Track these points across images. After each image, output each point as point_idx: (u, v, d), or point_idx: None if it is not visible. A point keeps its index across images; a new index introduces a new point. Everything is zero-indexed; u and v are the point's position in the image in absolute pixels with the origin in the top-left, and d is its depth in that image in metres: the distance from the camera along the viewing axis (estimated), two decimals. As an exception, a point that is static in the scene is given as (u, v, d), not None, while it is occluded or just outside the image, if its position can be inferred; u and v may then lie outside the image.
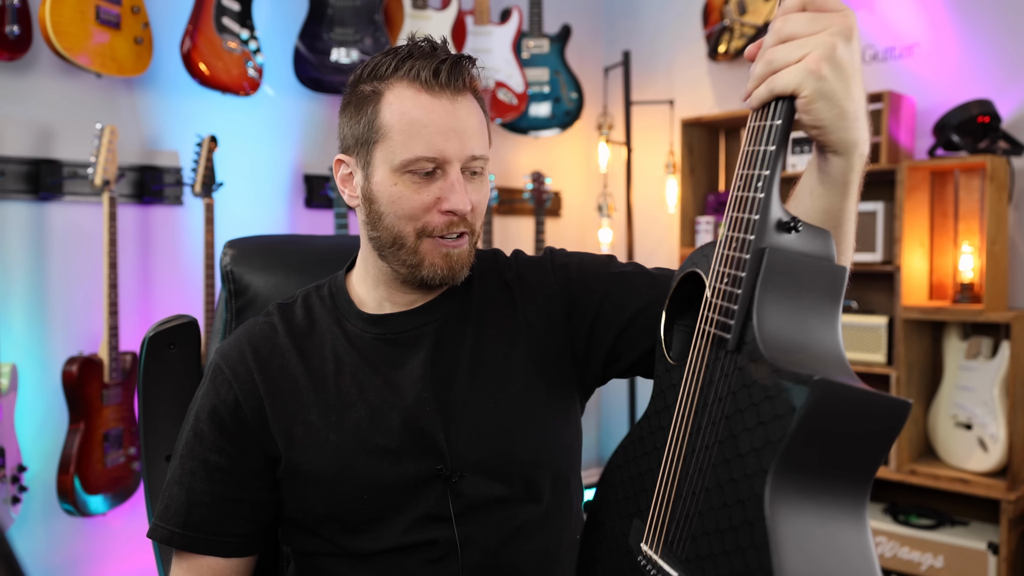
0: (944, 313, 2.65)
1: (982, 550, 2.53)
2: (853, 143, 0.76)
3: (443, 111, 0.96)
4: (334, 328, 1.06)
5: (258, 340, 1.06)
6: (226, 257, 1.26)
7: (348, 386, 1.02)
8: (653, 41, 3.74)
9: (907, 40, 3.00)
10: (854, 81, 0.73)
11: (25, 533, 2.34)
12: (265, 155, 2.93)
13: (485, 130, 1.02)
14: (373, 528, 1.00)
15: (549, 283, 1.09)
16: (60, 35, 2.23)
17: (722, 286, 0.77)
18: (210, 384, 1.05)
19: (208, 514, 1.02)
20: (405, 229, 0.98)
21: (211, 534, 1.02)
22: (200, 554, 1.02)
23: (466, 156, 0.98)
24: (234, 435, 1.02)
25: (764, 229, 0.75)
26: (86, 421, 2.31)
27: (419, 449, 1.00)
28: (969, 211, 2.78)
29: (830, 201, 0.81)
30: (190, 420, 1.05)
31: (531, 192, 3.33)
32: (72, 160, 2.45)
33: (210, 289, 2.53)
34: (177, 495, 1.02)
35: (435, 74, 0.96)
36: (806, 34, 0.72)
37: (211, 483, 1.02)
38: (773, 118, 0.75)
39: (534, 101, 3.41)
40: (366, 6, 2.90)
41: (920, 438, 2.81)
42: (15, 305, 2.36)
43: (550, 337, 1.07)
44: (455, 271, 1.00)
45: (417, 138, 0.96)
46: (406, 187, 0.97)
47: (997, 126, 2.63)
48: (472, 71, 1.00)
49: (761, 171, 0.75)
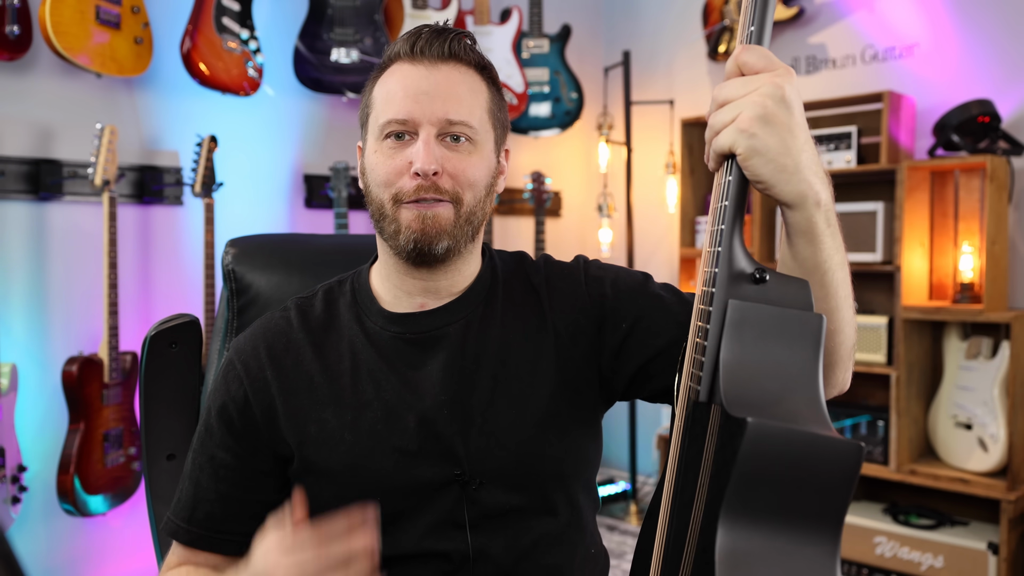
0: (944, 313, 2.66)
1: (982, 550, 2.53)
2: (800, 195, 0.77)
3: (417, 76, 0.97)
4: (353, 324, 1.04)
5: (273, 335, 1.05)
6: (228, 256, 1.25)
7: (364, 384, 1.01)
8: (653, 41, 3.74)
9: (907, 40, 3.00)
10: (792, 136, 0.75)
11: (25, 533, 2.34)
12: (265, 155, 2.93)
13: (478, 100, 1.00)
14: (386, 532, 0.98)
15: (581, 294, 1.06)
16: (60, 35, 2.23)
17: (697, 339, 0.78)
18: (222, 379, 1.04)
19: (212, 511, 1.01)
20: (383, 196, 0.98)
21: (214, 531, 1.02)
22: (201, 550, 1.02)
23: (438, 119, 0.96)
24: (242, 434, 1.01)
25: (726, 282, 0.75)
26: (86, 421, 2.31)
27: (435, 453, 0.98)
28: (969, 211, 2.78)
29: (799, 251, 0.82)
30: (203, 414, 1.05)
31: (531, 192, 3.33)
32: (72, 160, 2.45)
33: (210, 289, 2.53)
34: (186, 490, 1.03)
35: (414, 44, 0.98)
36: (738, 97, 0.76)
37: (217, 480, 1.01)
38: (726, 175, 0.78)
39: (534, 101, 3.41)
40: (366, 6, 2.91)
41: (920, 438, 2.81)
42: (15, 305, 2.36)
43: (577, 348, 1.04)
44: (429, 234, 0.97)
45: (390, 103, 0.97)
46: (383, 154, 0.98)
47: (997, 126, 2.63)
48: (462, 41, 1.00)
49: (719, 226, 0.77)
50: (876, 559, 2.73)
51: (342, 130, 3.11)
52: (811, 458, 0.67)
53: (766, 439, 0.66)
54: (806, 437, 0.66)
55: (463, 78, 0.99)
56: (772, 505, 0.68)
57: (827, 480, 0.68)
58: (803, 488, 0.68)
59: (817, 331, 0.75)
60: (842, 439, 0.67)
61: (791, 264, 0.84)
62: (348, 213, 2.84)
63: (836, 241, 0.82)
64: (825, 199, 0.79)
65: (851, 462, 0.67)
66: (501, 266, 1.08)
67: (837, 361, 0.89)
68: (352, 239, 1.42)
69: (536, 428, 1.01)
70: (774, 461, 0.66)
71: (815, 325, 0.75)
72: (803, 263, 0.82)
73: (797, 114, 0.75)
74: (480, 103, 1.00)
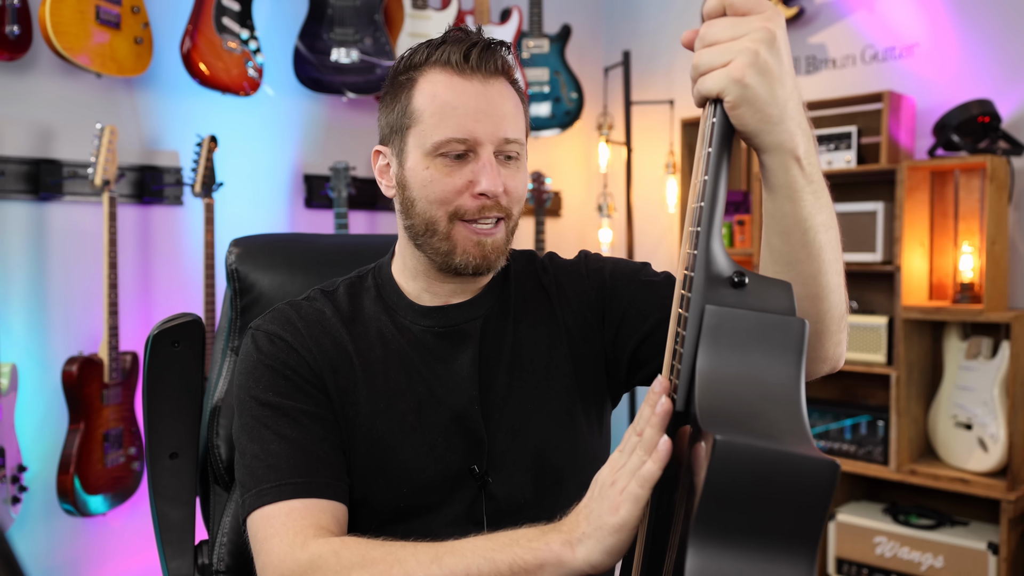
0: (944, 313, 2.66)
1: (982, 550, 2.53)
2: (779, 144, 0.74)
3: (474, 92, 0.96)
4: (382, 316, 1.04)
5: (307, 315, 1.02)
6: (231, 256, 1.26)
7: (397, 374, 1.00)
8: (653, 41, 3.74)
9: (907, 40, 3.00)
10: (781, 85, 0.72)
11: (25, 533, 2.34)
12: (265, 155, 2.93)
13: (521, 116, 1.00)
14: (405, 522, 0.98)
15: (584, 288, 1.08)
16: (60, 35, 2.22)
17: (675, 346, 0.75)
18: (269, 345, 0.99)
19: (307, 460, 0.93)
20: (437, 214, 0.97)
21: (334, 479, 0.94)
22: (326, 499, 0.92)
23: (498, 138, 0.96)
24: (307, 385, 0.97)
25: (704, 286, 0.71)
26: (86, 421, 2.30)
27: (463, 447, 0.99)
28: (969, 211, 2.78)
29: (779, 206, 0.79)
30: (249, 406, 0.97)
31: (531, 192, 3.33)
32: (72, 160, 2.45)
33: (210, 289, 2.53)
34: (279, 452, 0.93)
35: (466, 57, 0.96)
36: (727, 39, 0.72)
37: (299, 429, 0.94)
38: (709, 118, 0.74)
39: (534, 101, 3.41)
40: (366, 6, 2.90)
41: (920, 438, 2.81)
42: (15, 305, 2.36)
43: (587, 343, 1.05)
44: (488, 259, 0.98)
45: (448, 120, 0.95)
46: (438, 171, 0.96)
47: (997, 126, 2.63)
48: (506, 56, 0.99)
49: (696, 228, 0.74)
50: (876, 559, 2.73)
51: (342, 130, 3.11)
52: (783, 475, 0.64)
53: (735, 457, 0.63)
54: (777, 455, 0.63)
55: (510, 94, 1.00)
56: (742, 526, 0.65)
57: (800, 499, 0.64)
58: (775, 507, 0.64)
59: (799, 337, 0.70)
60: (816, 457, 0.63)
61: (770, 223, 0.81)
62: (348, 213, 2.84)
63: (819, 200, 0.78)
64: (804, 151, 0.76)
65: (825, 480, 0.64)
66: (512, 263, 1.09)
67: (824, 331, 0.85)
68: (355, 239, 1.42)
69: (551, 424, 1.02)
70: (744, 480, 0.63)
71: (797, 331, 0.71)
72: (782, 220, 0.79)
73: (786, 61, 0.73)
74: (522, 118, 1.01)
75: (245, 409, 0.98)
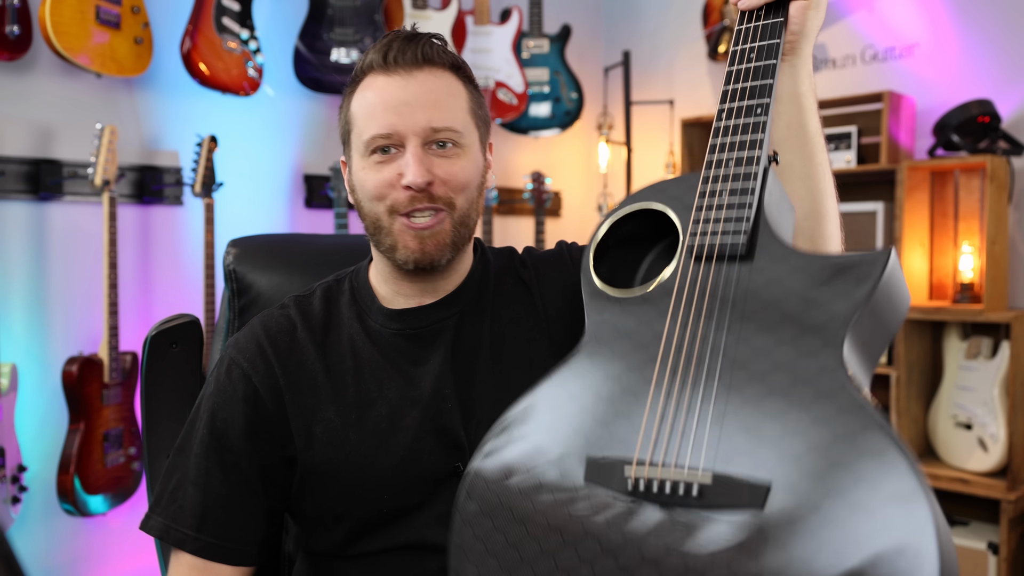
0: (944, 313, 2.66)
1: (982, 550, 2.53)
2: (808, 56, 0.94)
3: (395, 87, 0.96)
4: (354, 323, 1.04)
5: (276, 333, 1.03)
6: (229, 256, 1.26)
7: (368, 383, 1.01)
8: (653, 41, 3.74)
9: (907, 40, 3.00)
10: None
11: (25, 533, 2.34)
12: (265, 155, 2.93)
13: (458, 102, 0.99)
14: (391, 526, 0.98)
15: (568, 275, 1.07)
16: (60, 35, 2.22)
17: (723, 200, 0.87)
18: (225, 379, 1.01)
19: (224, 519, 0.98)
20: (378, 210, 0.98)
21: (225, 539, 0.98)
22: (211, 560, 0.98)
23: (422, 128, 0.96)
24: (252, 433, 0.99)
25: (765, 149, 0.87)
26: (86, 421, 2.31)
27: (440, 446, 0.99)
28: (969, 211, 2.78)
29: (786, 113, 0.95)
30: (203, 418, 1.00)
31: (531, 192, 3.33)
32: (72, 160, 2.45)
33: (210, 289, 2.53)
34: (192, 496, 0.98)
35: (384, 55, 0.97)
36: None
37: (229, 485, 0.98)
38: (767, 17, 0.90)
39: (534, 101, 3.41)
40: (366, 6, 2.91)
41: (920, 438, 2.81)
42: (15, 305, 2.36)
43: (571, 333, 1.04)
44: (428, 252, 0.98)
45: (372, 118, 0.97)
46: (371, 169, 0.98)
47: (997, 126, 2.63)
48: (434, 45, 0.99)
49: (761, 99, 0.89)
50: (876, 559, 2.73)
51: (342, 130, 3.11)
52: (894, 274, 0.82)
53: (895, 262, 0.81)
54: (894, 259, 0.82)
55: (440, 82, 0.99)
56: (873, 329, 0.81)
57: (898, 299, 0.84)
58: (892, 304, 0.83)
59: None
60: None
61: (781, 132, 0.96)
62: (348, 213, 2.84)
63: (814, 106, 0.97)
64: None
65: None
66: (492, 261, 1.09)
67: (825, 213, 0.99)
68: (353, 239, 1.42)
69: None
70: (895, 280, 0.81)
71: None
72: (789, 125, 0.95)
73: None
74: (461, 104, 1.00)
75: (199, 419, 1.01)
